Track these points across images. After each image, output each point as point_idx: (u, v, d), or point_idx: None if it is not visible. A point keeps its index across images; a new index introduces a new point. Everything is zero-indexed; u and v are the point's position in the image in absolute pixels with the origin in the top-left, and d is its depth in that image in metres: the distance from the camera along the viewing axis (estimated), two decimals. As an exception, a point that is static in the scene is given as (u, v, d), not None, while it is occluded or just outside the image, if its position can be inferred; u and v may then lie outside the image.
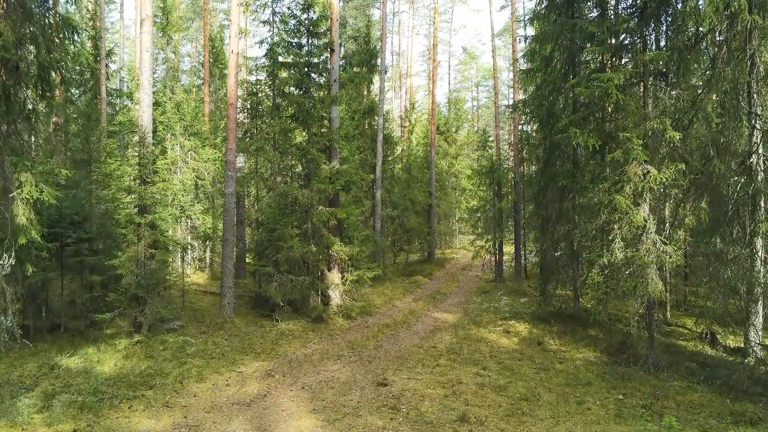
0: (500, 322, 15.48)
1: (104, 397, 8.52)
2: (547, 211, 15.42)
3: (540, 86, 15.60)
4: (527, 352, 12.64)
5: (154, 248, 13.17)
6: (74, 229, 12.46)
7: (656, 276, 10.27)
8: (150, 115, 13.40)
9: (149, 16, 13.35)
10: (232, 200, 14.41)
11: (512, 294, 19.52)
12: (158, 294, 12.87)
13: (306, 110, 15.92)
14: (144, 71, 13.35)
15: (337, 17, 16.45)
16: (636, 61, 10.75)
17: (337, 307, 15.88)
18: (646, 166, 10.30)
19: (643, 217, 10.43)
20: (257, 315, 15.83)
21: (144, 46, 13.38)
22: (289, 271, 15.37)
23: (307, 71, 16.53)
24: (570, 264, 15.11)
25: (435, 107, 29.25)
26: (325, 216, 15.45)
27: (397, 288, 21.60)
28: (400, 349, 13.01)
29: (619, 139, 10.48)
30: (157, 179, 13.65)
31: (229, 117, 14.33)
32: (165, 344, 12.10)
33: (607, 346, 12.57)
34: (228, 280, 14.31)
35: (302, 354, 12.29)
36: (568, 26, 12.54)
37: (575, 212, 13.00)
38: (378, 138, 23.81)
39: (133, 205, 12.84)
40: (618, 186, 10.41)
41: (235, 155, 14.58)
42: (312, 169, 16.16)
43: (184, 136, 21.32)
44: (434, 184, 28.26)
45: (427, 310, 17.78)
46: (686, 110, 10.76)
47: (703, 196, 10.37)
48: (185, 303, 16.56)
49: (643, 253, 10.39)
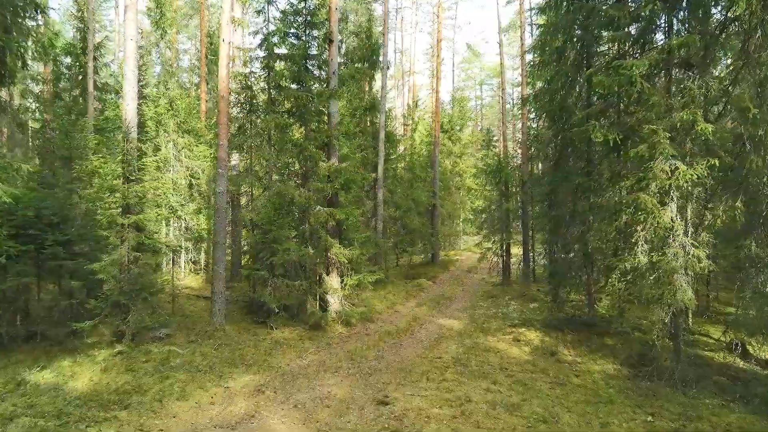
0: (509, 329, 14.52)
1: (70, 420, 7.58)
2: (558, 212, 14.46)
3: (551, 79, 14.64)
4: (540, 363, 11.68)
5: (138, 251, 12.27)
6: (52, 231, 11.58)
7: (686, 283, 9.31)
8: (135, 108, 12.51)
9: (133, 2, 12.45)
10: (223, 199, 13.50)
11: (520, 298, 18.56)
12: (143, 300, 11.96)
13: (303, 104, 15.02)
14: (128, 61, 12.46)
15: (336, 6, 15.53)
16: (661, 48, 9.80)
17: (336, 313, 14.95)
18: (673, 161, 9.34)
19: (671, 217, 9.48)
20: (251, 321, 14.92)
21: (128, 35, 12.49)
22: (284, 275, 14.47)
23: (304, 63, 15.63)
24: (584, 268, 14.16)
25: (439, 105, 28.33)
26: (323, 217, 14.53)
27: (400, 292, 20.67)
28: (402, 359, 12.08)
29: (643, 132, 9.52)
30: (146, 176, 12.78)
31: (220, 111, 13.42)
32: (148, 355, 11.18)
33: (626, 358, 11.60)
34: (219, 285, 13.40)
35: (297, 366, 11.35)
36: (586, 10, 11.59)
37: (591, 213, 12.03)
38: (380, 136, 22.90)
39: (117, 204, 11.94)
40: (643, 184, 9.45)
41: (228, 152, 13.68)
42: (310, 167, 15.24)
43: (178, 133, 20.45)
44: (438, 184, 27.31)
45: (432, 315, 16.83)
46: (717, 100, 9.82)
47: (737, 194, 9.39)
48: (175, 308, 15.65)
49: (670, 258, 9.43)
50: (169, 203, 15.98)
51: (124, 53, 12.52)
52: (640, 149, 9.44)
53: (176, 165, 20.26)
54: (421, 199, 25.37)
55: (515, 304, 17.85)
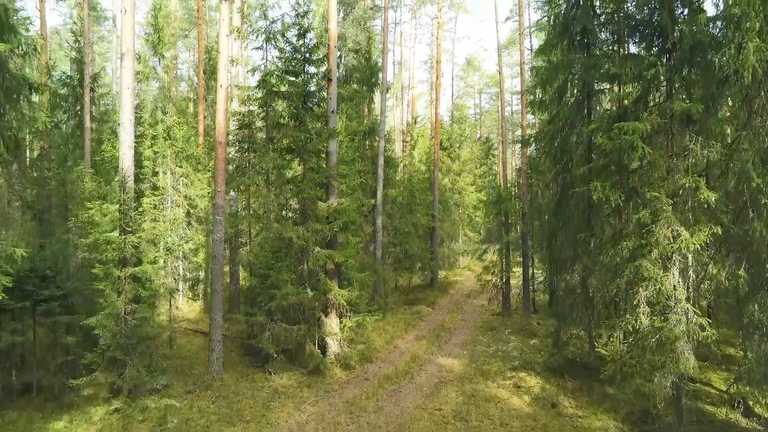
0: (509, 373, 14.41)
1: None
2: (559, 256, 14.36)
3: (552, 119, 14.52)
4: (541, 417, 11.58)
5: (135, 302, 12.15)
6: (47, 285, 11.46)
7: (688, 351, 9.21)
8: (131, 157, 12.38)
9: (130, 50, 12.31)
10: (220, 247, 13.37)
11: (520, 333, 18.45)
12: (140, 354, 11.84)
13: (302, 143, 14.88)
14: (125, 110, 12.32)
15: (334, 44, 15.40)
16: (662, 110, 9.69)
17: (335, 356, 14.83)
18: (676, 227, 9.23)
19: (673, 284, 9.37)
20: (249, 364, 14.81)
21: (124, 83, 12.35)
22: (283, 318, 14.34)
23: (303, 100, 15.49)
24: (585, 311, 14.06)
25: (438, 126, 28.19)
26: (322, 260, 14.41)
27: (399, 321, 20.55)
28: (402, 411, 11.97)
29: (646, 196, 9.42)
30: (143, 222, 12.65)
31: (217, 157, 13.29)
32: (145, 413, 11.08)
33: (628, 414, 11.50)
34: (216, 333, 13.28)
35: (295, 423, 11.23)
36: (586, 65, 11.47)
37: (593, 269, 11.90)
38: (379, 162, 22.76)
39: (113, 256, 11.80)
40: (645, 250, 9.34)
41: (225, 198, 13.55)
42: (308, 205, 15.11)
43: (176, 162, 20.32)
44: (437, 207, 27.20)
45: (431, 353, 16.70)
46: (719, 163, 9.72)
47: (740, 260, 9.29)
48: (173, 349, 15.56)
49: (673, 324, 9.33)
50: (167, 244, 15.84)
51: (120, 101, 12.37)
52: (643, 215, 9.34)
53: (174, 194, 20.14)
54: (421, 222, 25.27)
55: (515, 339, 17.74)
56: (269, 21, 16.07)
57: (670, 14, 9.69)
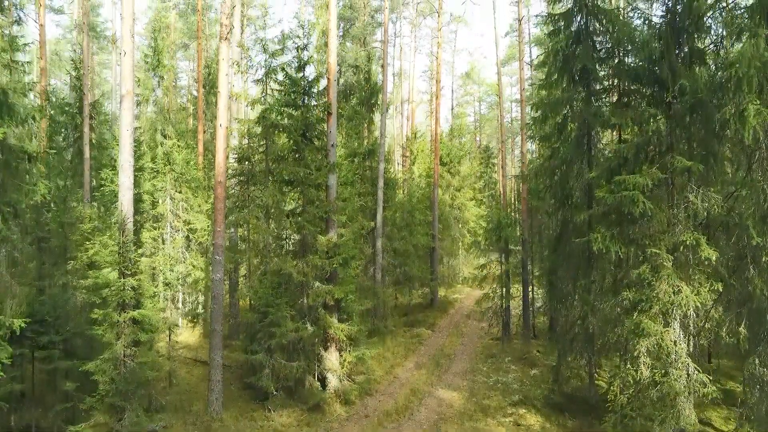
0: (510, 409, 14.38)
1: None
2: (559, 292, 14.36)
3: (552, 155, 14.52)
4: (541, 461, 11.57)
5: (135, 345, 12.13)
6: (46, 331, 11.43)
7: (688, 408, 9.20)
8: (130, 198, 12.36)
9: (129, 92, 12.29)
10: (220, 287, 13.36)
11: (521, 362, 18.41)
12: (139, 398, 11.81)
13: (301, 178, 14.87)
14: (124, 152, 12.30)
15: (334, 77, 15.40)
16: (663, 165, 9.69)
17: (335, 391, 14.81)
18: (676, 283, 9.23)
19: (674, 340, 9.36)
20: (249, 399, 14.80)
21: (124, 124, 12.33)
22: (282, 356, 14.31)
23: (302, 133, 15.46)
24: (584, 347, 14.06)
25: (438, 144, 28.18)
26: (322, 295, 14.41)
27: (399, 346, 20.52)
28: (402, 454, 11.96)
29: (646, 251, 9.41)
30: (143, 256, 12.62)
31: (217, 197, 13.27)
32: (144, 460, 11.07)
33: (629, 459, 11.49)
34: (216, 374, 13.26)
35: (295, 470, 11.22)
36: (587, 113, 11.46)
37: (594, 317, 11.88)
38: (378, 184, 22.73)
39: (112, 300, 11.77)
40: (645, 306, 9.33)
41: (224, 237, 13.53)
42: (308, 239, 15.09)
43: (175, 187, 20.31)
44: (437, 226, 27.19)
45: (431, 384, 16.65)
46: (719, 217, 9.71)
47: (741, 317, 9.29)
48: (172, 383, 15.53)
49: (673, 379, 9.32)
50: (166, 279, 15.81)
51: (120, 144, 12.35)
52: (643, 270, 9.34)
53: (173, 220, 20.13)
54: (421, 242, 25.25)
55: (515, 369, 17.72)
56: (269, 54, 16.02)
57: (671, 67, 9.68)
